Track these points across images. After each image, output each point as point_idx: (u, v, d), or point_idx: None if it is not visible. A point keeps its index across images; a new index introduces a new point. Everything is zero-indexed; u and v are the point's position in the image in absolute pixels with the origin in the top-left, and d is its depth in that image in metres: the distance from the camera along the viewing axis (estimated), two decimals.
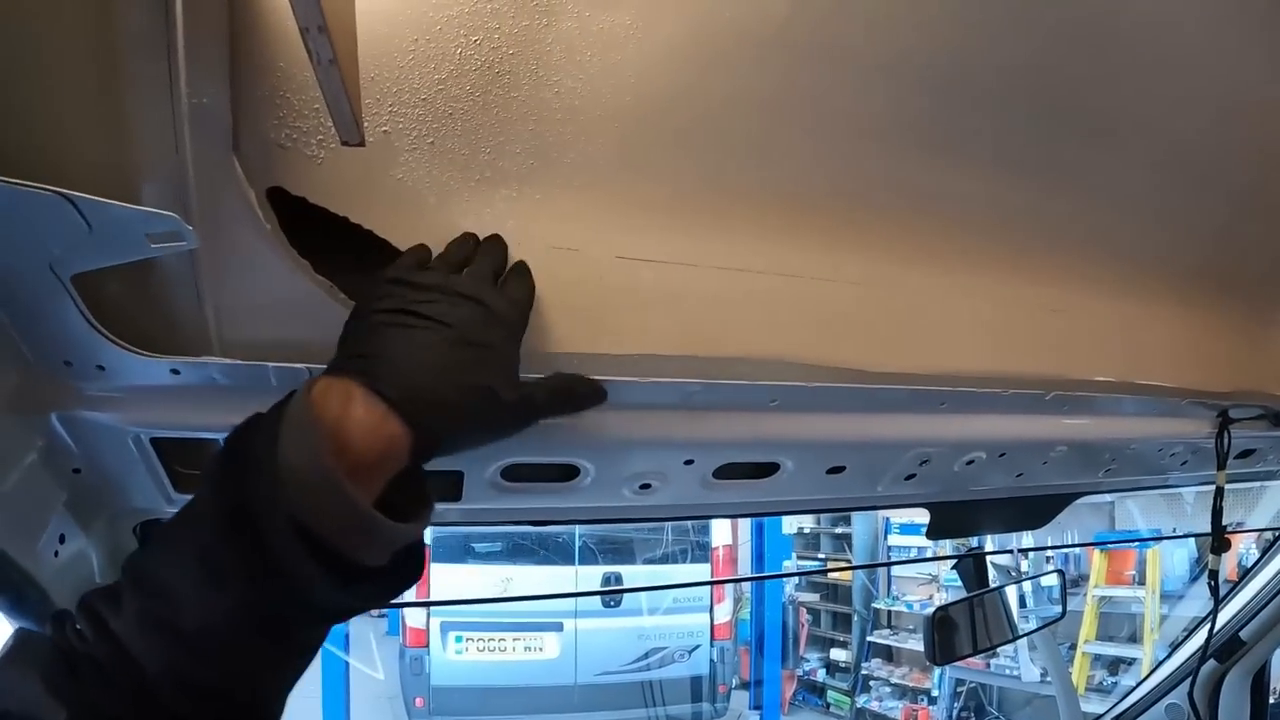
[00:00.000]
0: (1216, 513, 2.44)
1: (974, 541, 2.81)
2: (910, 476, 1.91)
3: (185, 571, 0.92)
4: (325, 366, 1.09)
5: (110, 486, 1.39)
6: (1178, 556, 8.95)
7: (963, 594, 2.57)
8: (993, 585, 2.60)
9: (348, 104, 0.89)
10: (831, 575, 13.76)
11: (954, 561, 2.63)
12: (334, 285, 1.16)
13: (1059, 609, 2.67)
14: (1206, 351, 2.07)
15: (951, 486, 2.05)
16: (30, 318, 1.04)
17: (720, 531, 10.99)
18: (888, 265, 1.61)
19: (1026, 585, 2.58)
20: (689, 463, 1.61)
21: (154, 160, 0.96)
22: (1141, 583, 8.80)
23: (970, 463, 1.94)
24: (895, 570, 13.37)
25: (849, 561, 13.51)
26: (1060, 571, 2.62)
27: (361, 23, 0.96)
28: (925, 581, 12.44)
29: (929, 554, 12.20)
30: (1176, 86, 1.59)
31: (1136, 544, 8.80)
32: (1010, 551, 2.59)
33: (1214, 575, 2.53)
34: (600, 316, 1.36)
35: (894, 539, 13.01)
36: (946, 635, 2.43)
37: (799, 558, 13.93)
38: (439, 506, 1.47)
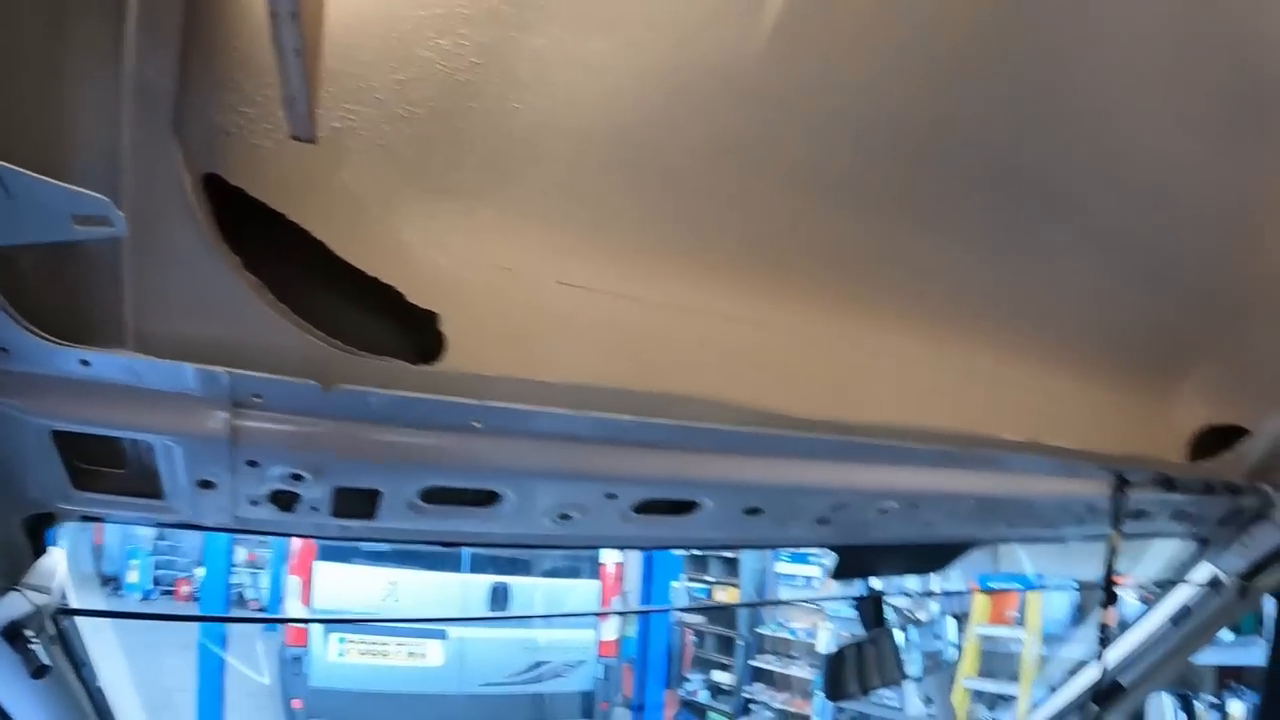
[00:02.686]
0: (1109, 569, 2.55)
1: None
2: (824, 521, 1.92)
3: None
4: (247, 373, 1.05)
5: (2, 476, 1.30)
6: (1058, 600, 9.17)
7: (858, 627, 2.59)
8: (889, 625, 2.62)
9: (306, 98, 0.85)
10: (719, 597, 13.81)
11: (854, 601, 2.63)
12: (264, 285, 1.09)
13: (955, 653, 2.70)
14: (1105, 420, 2.18)
15: (862, 532, 2.07)
16: None
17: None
18: (819, 317, 1.64)
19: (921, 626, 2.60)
20: (611, 496, 1.59)
21: (90, 131, 0.90)
22: (1022, 623, 9.00)
23: (883, 511, 1.96)
24: (781, 596, 13.43)
25: (736, 584, 13.57)
26: (957, 617, 2.65)
27: (328, 11, 0.92)
28: (810, 610, 12.53)
29: (816, 582, 12.38)
30: (1111, 175, 1.66)
31: (1025, 589, 9.00)
32: (909, 595, 2.61)
33: (1104, 628, 2.71)
34: (535, 341, 1.35)
35: (781, 566, 13.09)
36: (844, 674, 2.43)
37: (689, 579, 13.94)
38: (351, 523, 1.44)
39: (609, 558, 10.85)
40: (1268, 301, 2.09)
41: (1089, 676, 3.42)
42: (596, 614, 10.87)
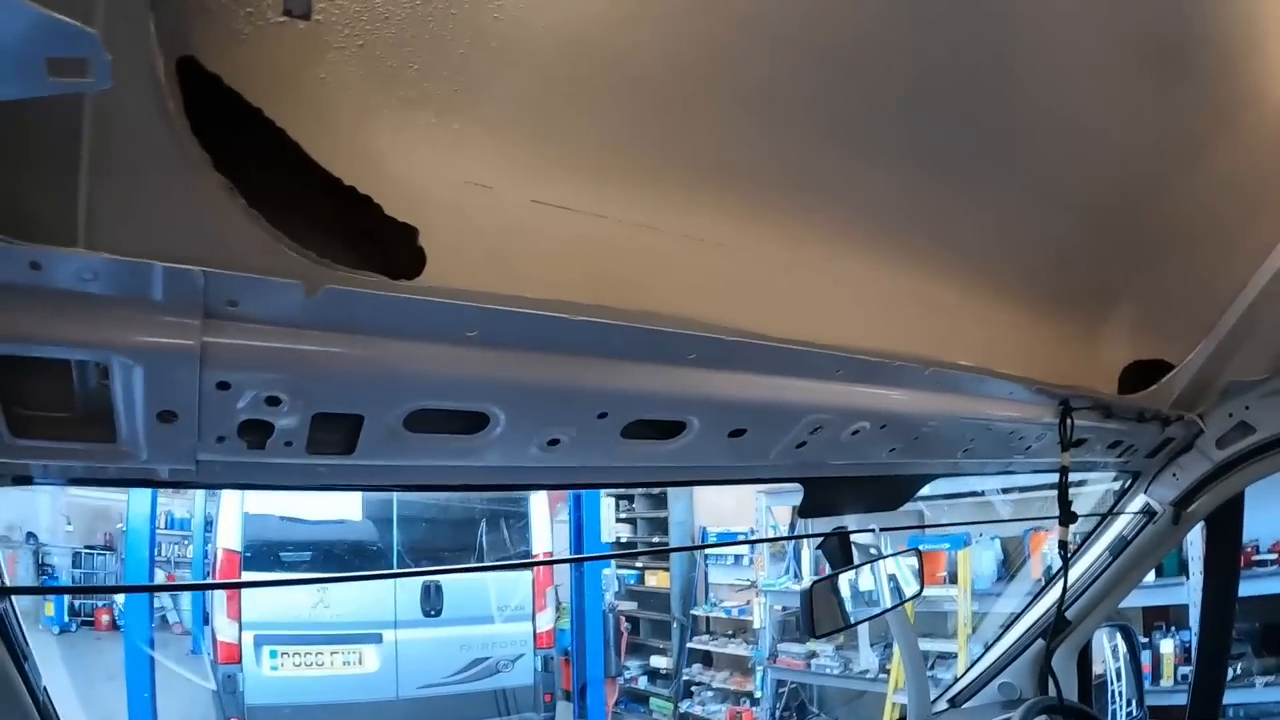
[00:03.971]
0: (1063, 488, 2.69)
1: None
2: (801, 445, 1.94)
3: None
4: (225, 272, 0.95)
5: None
6: (985, 558, 9.38)
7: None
8: (859, 562, 2.65)
9: None
10: (650, 583, 13.82)
11: (819, 540, 2.66)
12: (233, 188, 0.97)
13: (917, 586, 2.72)
14: (1043, 355, 2.32)
15: (834, 457, 2.12)
16: None
17: (540, 539, 10.84)
18: (791, 242, 1.67)
19: (886, 563, 2.62)
20: (602, 416, 1.55)
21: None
22: (953, 582, 9.15)
23: (855, 433, 2.01)
24: (713, 578, 13.49)
25: (666, 568, 13.60)
26: (918, 551, 2.69)
27: None
28: (743, 588, 12.60)
29: (745, 560, 12.47)
30: (1043, 116, 1.75)
31: (954, 548, 9.16)
32: (872, 530, 2.64)
33: (1063, 545, 2.81)
34: (510, 258, 1.30)
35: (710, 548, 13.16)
36: (822, 607, 2.44)
37: (618, 567, 13.94)
38: (327, 462, 1.34)
39: (539, 547, 10.73)
40: (1182, 238, 2.23)
41: (1032, 617, 3.65)
42: (545, 562, 10.64)
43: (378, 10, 1.08)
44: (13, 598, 1.61)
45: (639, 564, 14.13)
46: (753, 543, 11.93)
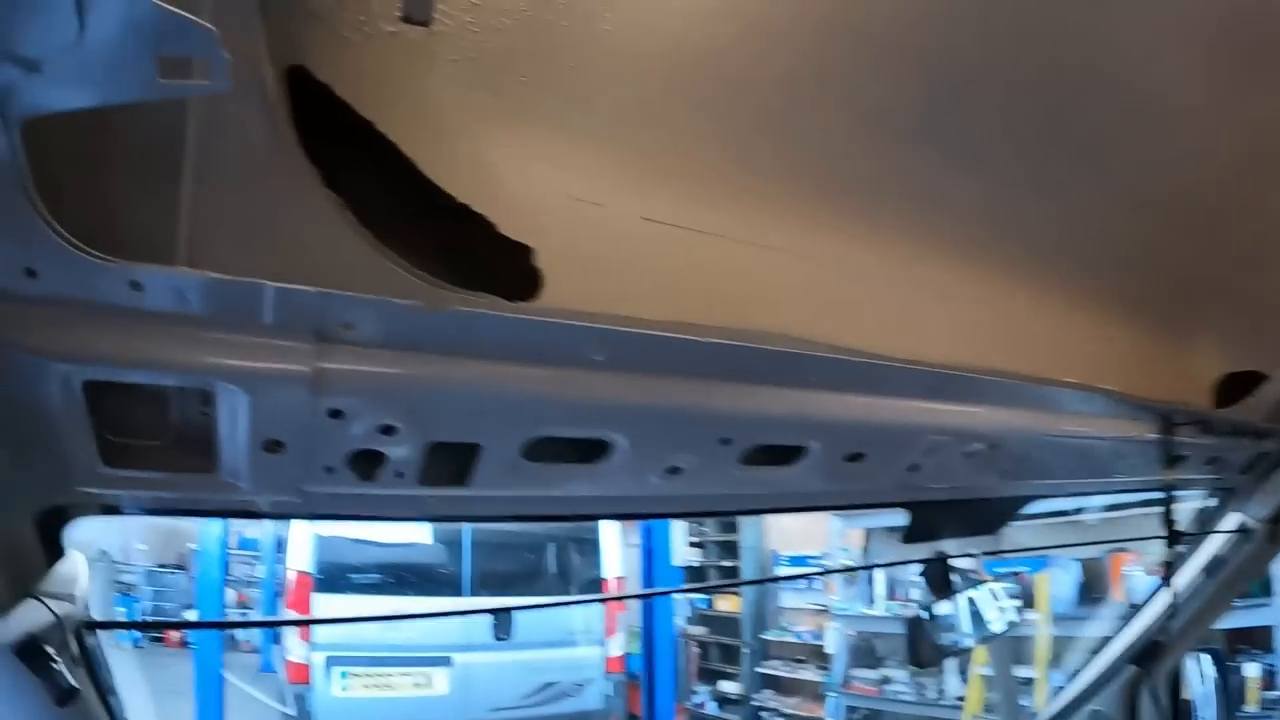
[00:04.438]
0: (1168, 510, 2.59)
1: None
2: (914, 468, 1.86)
3: None
4: (340, 292, 0.90)
5: (10, 451, 1.07)
6: (1064, 581, 9.14)
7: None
8: (957, 589, 2.57)
9: None
10: (720, 607, 13.69)
11: (920, 567, 2.57)
12: (343, 204, 0.94)
13: (1016, 614, 2.63)
14: (1142, 364, 2.21)
15: (945, 480, 2.02)
16: None
17: (611, 563, 10.79)
18: (903, 258, 1.61)
19: (985, 590, 2.53)
20: (724, 442, 1.47)
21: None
22: (1031, 606, 8.93)
23: (969, 454, 1.93)
24: (784, 602, 13.34)
25: (737, 595, 13.47)
26: (1018, 574, 2.59)
27: None
28: (815, 611, 12.43)
29: (818, 583, 12.30)
30: (1136, 122, 1.68)
31: (1033, 570, 8.95)
32: (973, 555, 2.54)
33: (1168, 567, 2.77)
34: (624, 278, 1.24)
35: (783, 570, 13.00)
36: (925, 638, 2.36)
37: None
38: (439, 493, 1.28)
39: (609, 571, 10.67)
40: (1276, 242, 2.11)
41: (1123, 641, 3.43)
42: (608, 598, 10.61)
43: (488, 21, 1.03)
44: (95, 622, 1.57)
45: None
46: (844, 570, 11.76)
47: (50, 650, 1.21)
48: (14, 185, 0.72)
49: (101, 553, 14.50)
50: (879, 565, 11.17)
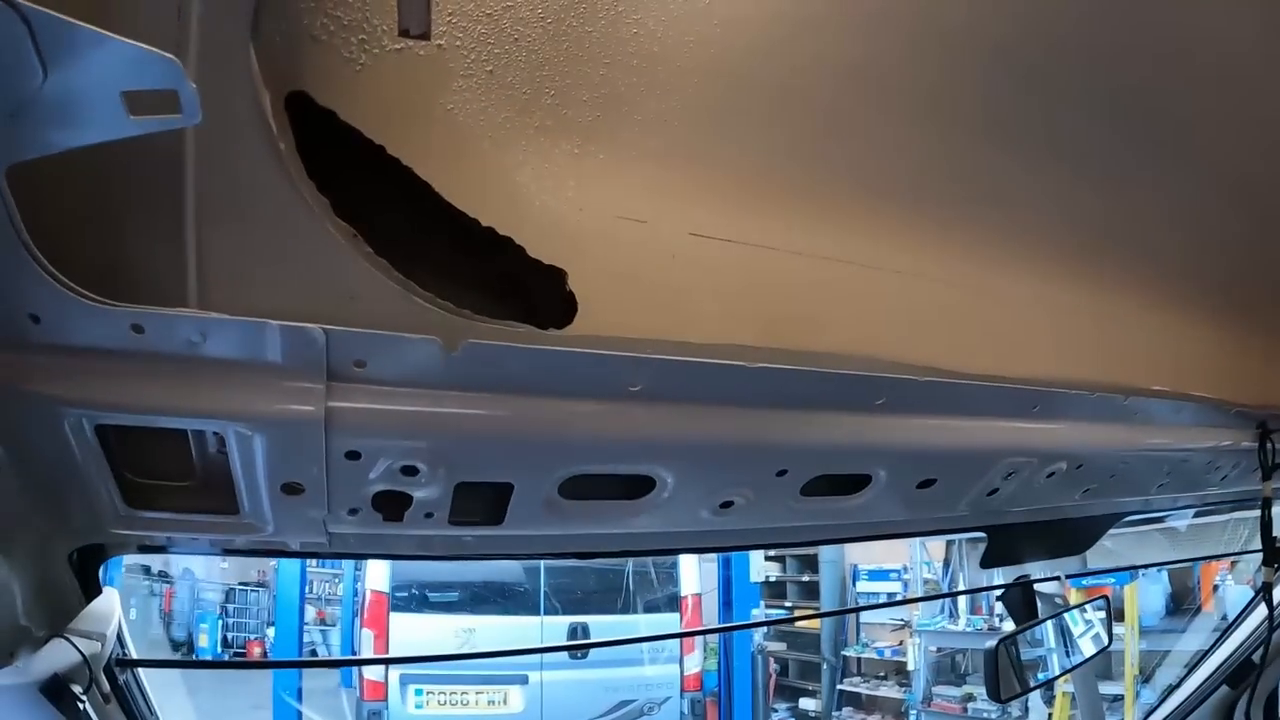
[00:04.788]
0: (1266, 524, 2.37)
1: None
2: (993, 492, 1.75)
3: None
4: (349, 329, 0.84)
5: (38, 495, 1.07)
6: (1152, 593, 8.89)
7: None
8: (1043, 615, 2.44)
9: None
10: (799, 624, 13.54)
11: (1001, 592, 2.45)
12: (356, 234, 0.89)
13: (1107, 638, 2.49)
14: (1236, 367, 2.07)
15: (1025, 503, 1.92)
16: None
17: (689, 580, 10.71)
18: (974, 265, 1.50)
19: (1072, 614, 2.40)
20: (781, 474, 1.38)
21: (145, 30, 0.67)
22: (1119, 620, 8.67)
23: (1050, 475, 1.81)
24: (865, 617, 13.15)
25: (816, 609, 13.31)
26: (1106, 598, 2.45)
27: None
28: (897, 627, 12.23)
29: (900, 598, 12.11)
30: (1248, 109, 1.59)
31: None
32: (1057, 578, 2.41)
33: (1268, 587, 2.45)
34: (673, 299, 1.16)
35: (863, 585, 12.83)
36: (1007, 668, 2.23)
37: (767, 606, 13.70)
38: (473, 533, 1.24)
39: (687, 588, 10.58)
40: None
41: (1216, 660, 3.30)
42: (684, 634, 10.56)
43: (506, 31, 0.98)
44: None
45: (788, 603, 13.87)
46: (921, 599, 11.55)
47: (76, 688, 1.20)
48: (6, 232, 0.71)
49: (185, 570, 14.80)
50: (958, 593, 10.91)
